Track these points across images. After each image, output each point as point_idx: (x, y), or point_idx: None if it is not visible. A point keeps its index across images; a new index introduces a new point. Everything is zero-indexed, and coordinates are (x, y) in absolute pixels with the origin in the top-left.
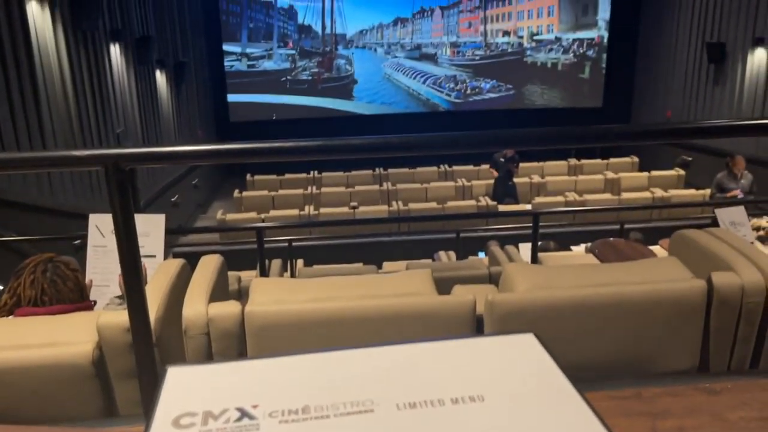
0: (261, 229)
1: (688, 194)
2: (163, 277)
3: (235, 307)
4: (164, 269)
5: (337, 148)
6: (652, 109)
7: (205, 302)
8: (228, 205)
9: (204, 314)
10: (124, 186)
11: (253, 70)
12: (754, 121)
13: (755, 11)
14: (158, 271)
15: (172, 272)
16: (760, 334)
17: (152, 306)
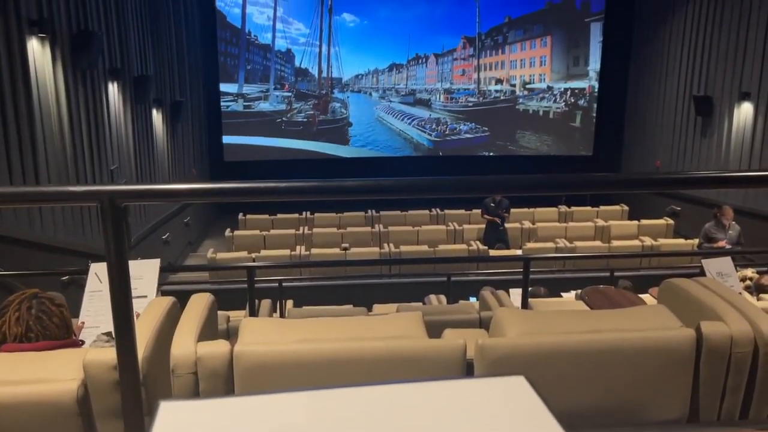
0: (252, 268)
1: (676, 243)
2: (153, 315)
3: (224, 347)
4: (154, 307)
5: (331, 189)
6: (641, 158)
7: (194, 341)
8: (219, 244)
9: (192, 353)
10: (118, 222)
11: (249, 111)
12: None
13: (741, 66)
14: (148, 308)
15: (162, 310)
16: (750, 384)
17: (140, 343)
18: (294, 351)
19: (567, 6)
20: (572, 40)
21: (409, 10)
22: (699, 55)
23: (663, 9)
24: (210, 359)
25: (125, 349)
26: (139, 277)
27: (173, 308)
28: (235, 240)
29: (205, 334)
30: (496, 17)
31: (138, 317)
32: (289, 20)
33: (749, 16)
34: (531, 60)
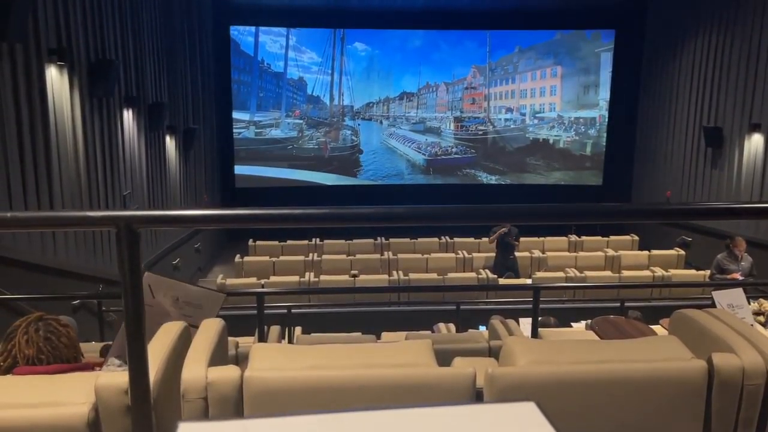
0: (261, 294)
1: (688, 274)
2: (165, 339)
3: (234, 372)
4: (166, 331)
5: (344, 216)
6: (651, 188)
7: (204, 366)
8: (228, 270)
9: (203, 378)
10: (133, 247)
11: (260, 138)
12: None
13: (751, 97)
14: (160, 332)
15: (174, 334)
16: (762, 417)
17: (152, 367)
18: (303, 377)
19: (577, 36)
20: (582, 70)
21: (420, 39)
22: (708, 87)
23: (672, 40)
24: (220, 384)
25: (137, 373)
26: (198, 306)
27: (185, 333)
28: (244, 266)
29: (216, 359)
30: (507, 47)
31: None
32: (301, 49)
33: (759, 48)
34: (541, 89)
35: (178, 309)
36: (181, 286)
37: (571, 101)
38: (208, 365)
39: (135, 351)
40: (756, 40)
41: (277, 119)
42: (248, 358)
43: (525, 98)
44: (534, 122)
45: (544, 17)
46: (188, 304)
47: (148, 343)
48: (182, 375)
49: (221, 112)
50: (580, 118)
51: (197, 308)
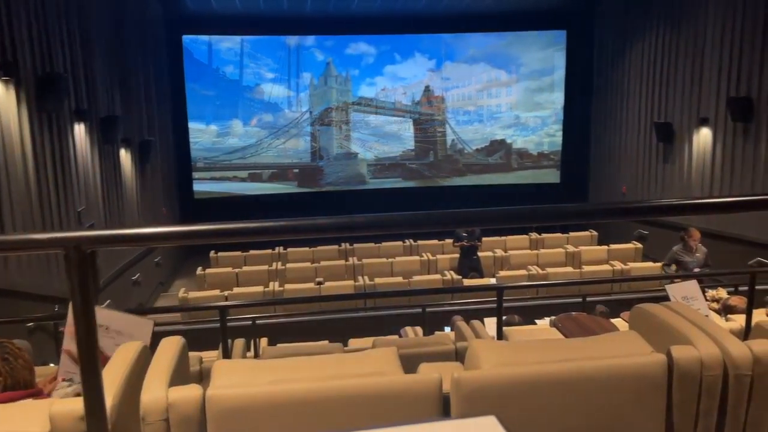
0: (224, 308)
1: (646, 266)
2: (121, 362)
3: (196, 391)
4: (122, 353)
5: (302, 228)
6: (607, 184)
7: (164, 387)
8: (190, 283)
9: (163, 399)
10: (84, 269)
11: (219, 147)
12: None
13: (698, 92)
14: (116, 355)
15: (131, 356)
16: (721, 407)
17: (109, 392)
18: (267, 393)
19: (530, 38)
20: (536, 70)
21: (376, 44)
22: (658, 83)
23: (621, 39)
24: (181, 405)
25: (92, 398)
26: (129, 336)
27: (143, 353)
28: (207, 278)
29: (177, 379)
30: (462, 50)
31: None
32: (257, 56)
33: (704, 44)
34: (497, 90)
35: (109, 339)
36: (111, 315)
37: (526, 101)
38: (169, 385)
39: (89, 377)
40: (701, 37)
41: (234, 128)
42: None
43: (481, 99)
44: (491, 123)
45: (496, 20)
46: (119, 333)
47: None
48: (141, 397)
49: (178, 123)
50: (536, 118)
51: (129, 337)
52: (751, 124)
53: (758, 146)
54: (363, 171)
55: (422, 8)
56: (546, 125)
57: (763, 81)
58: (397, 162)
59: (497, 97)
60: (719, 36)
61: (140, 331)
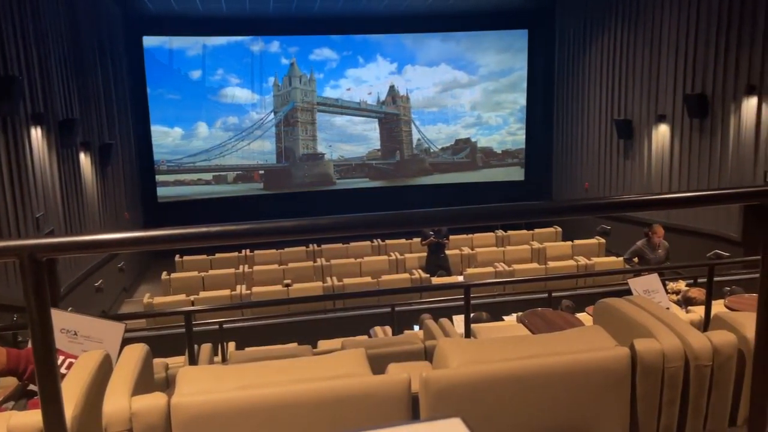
0: (189, 313)
1: (609, 261)
2: (82, 372)
3: (160, 400)
4: (83, 362)
5: (266, 231)
6: (570, 181)
7: (127, 396)
8: (156, 288)
9: (126, 409)
10: (39, 278)
11: (182, 150)
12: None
13: (656, 89)
14: (77, 364)
15: (92, 365)
16: (684, 397)
17: (69, 403)
18: (234, 399)
19: (492, 37)
20: (499, 69)
21: (341, 44)
22: (617, 81)
23: (581, 38)
24: (146, 414)
25: (51, 410)
26: (99, 341)
27: (105, 362)
28: (172, 283)
29: (141, 387)
30: (426, 50)
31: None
32: (220, 57)
33: (660, 43)
34: (461, 89)
35: (78, 344)
36: (79, 319)
37: (490, 100)
38: (132, 394)
39: (48, 388)
40: (658, 35)
41: (198, 131)
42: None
43: (444, 100)
44: (455, 123)
45: (458, 20)
46: (88, 339)
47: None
48: (103, 408)
49: (139, 126)
50: (499, 117)
51: (98, 342)
52: (707, 120)
53: (714, 142)
54: (330, 172)
55: (384, 9)
56: (509, 124)
57: (717, 78)
58: (363, 162)
59: (460, 97)
60: (675, 34)
61: (110, 336)
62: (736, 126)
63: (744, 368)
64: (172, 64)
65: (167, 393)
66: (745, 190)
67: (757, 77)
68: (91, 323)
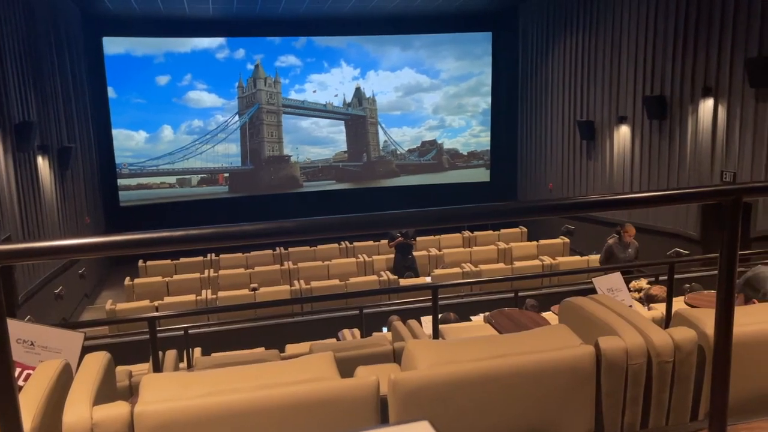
0: (153, 319)
1: (573, 260)
2: (40, 381)
3: (123, 409)
4: (41, 372)
5: (231, 235)
6: (535, 182)
7: (89, 405)
8: (118, 294)
9: (88, 419)
10: None
11: (145, 153)
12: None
13: (617, 91)
14: (35, 374)
15: (51, 375)
16: (647, 394)
17: (27, 416)
18: (200, 406)
19: (457, 40)
20: (464, 72)
21: (306, 46)
22: (579, 83)
23: (544, 41)
24: (108, 424)
25: (8, 422)
26: (57, 351)
27: (65, 371)
28: (135, 289)
29: (102, 396)
30: (391, 52)
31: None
32: (182, 59)
33: (620, 46)
34: (426, 91)
35: (35, 355)
36: (36, 329)
37: (453, 103)
38: (94, 404)
39: (4, 401)
40: (617, 39)
41: (161, 133)
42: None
43: (412, 100)
44: (420, 125)
45: (423, 23)
46: (46, 349)
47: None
48: (63, 419)
49: (100, 128)
50: (465, 119)
51: (57, 352)
52: (666, 121)
53: (672, 142)
54: (296, 174)
55: (348, 11)
56: (471, 126)
57: (675, 81)
58: (330, 164)
59: (427, 98)
60: (634, 38)
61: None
62: (693, 127)
63: (704, 364)
64: (137, 67)
65: (130, 401)
66: (703, 190)
67: (713, 80)
68: (48, 333)
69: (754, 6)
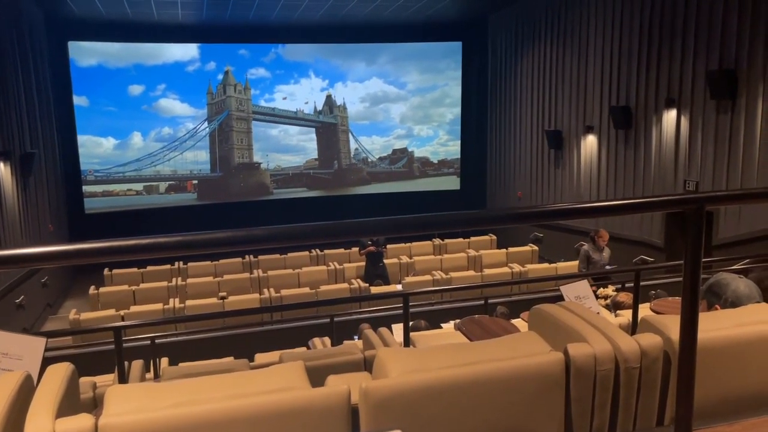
0: (118, 329)
1: (541, 268)
2: (0, 394)
3: (86, 421)
4: (1, 384)
5: (198, 243)
6: (504, 190)
7: (51, 418)
8: (83, 303)
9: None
10: None
11: (111, 160)
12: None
13: (584, 101)
14: None
15: (12, 387)
16: (614, 399)
17: None
18: (167, 417)
19: (427, 49)
20: (435, 81)
21: (276, 54)
22: (547, 93)
23: (513, 51)
24: None
25: None
26: (18, 358)
27: (26, 384)
28: (100, 298)
29: (66, 409)
30: (362, 60)
31: None
32: (149, 64)
33: (587, 57)
34: (396, 100)
35: None
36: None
37: (425, 111)
38: (56, 416)
39: None
40: (584, 50)
41: (129, 140)
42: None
43: (381, 109)
44: (390, 134)
45: (394, 31)
46: (6, 356)
47: None
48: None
49: (65, 134)
50: (433, 128)
51: (17, 359)
52: (631, 131)
53: (637, 152)
54: (266, 181)
55: (319, 19)
56: (440, 135)
57: (640, 91)
58: (301, 172)
59: (397, 106)
60: (601, 49)
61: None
62: (657, 137)
63: (669, 369)
64: (108, 75)
65: (95, 414)
66: (667, 199)
67: (676, 91)
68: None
69: (714, 21)
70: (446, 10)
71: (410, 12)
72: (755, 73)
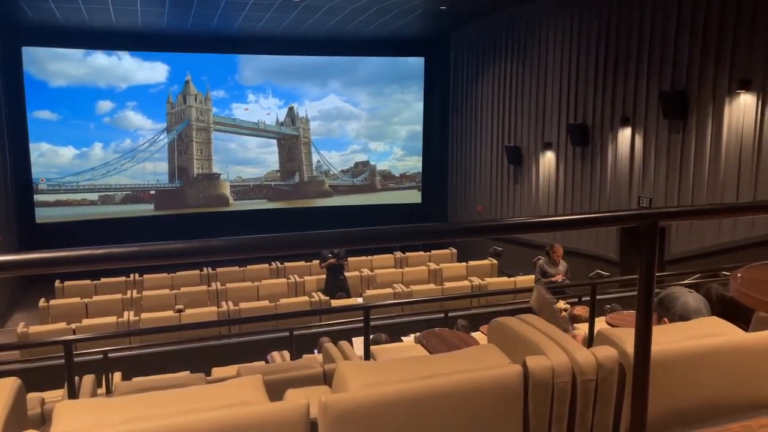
0: (69, 342)
1: (501, 281)
2: None
3: None
4: None
5: (155, 254)
6: (465, 204)
7: None
8: (32, 316)
9: None
10: None
11: (65, 168)
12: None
13: (543, 118)
14: None
15: None
16: (572, 411)
17: None
18: None
19: (390, 64)
20: (397, 95)
21: (238, 64)
22: (507, 109)
23: (474, 68)
24: None
25: None
26: None
27: None
28: (51, 310)
29: (12, 426)
30: (325, 74)
31: None
32: (108, 71)
33: (546, 75)
34: (359, 113)
35: None
36: None
37: (387, 125)
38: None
39: None
40: (543, 69)
41: (84, 148)
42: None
43: (345, 122)
44: (355, 146)
45: (357, 45)
46: None
47: None
48: None
49: (16, 142)
50: (398, 141)
51: None
52: (588, 148)
53: (594, 168)
54: (226, 192)
55: (281, 31)
56: (408, 148)
57: (596, 110)
58: (262, 183)
59: (359, 120)
60: (559, 68)
61: None
62: (613, 154)
63: (625, 381)
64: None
65: (42, 431)
66: (622, 214)
67: (631, 110)
68: None
69: (667, 44)
70: (409, 27)
71: (373, 26)
72: (705, 94)
